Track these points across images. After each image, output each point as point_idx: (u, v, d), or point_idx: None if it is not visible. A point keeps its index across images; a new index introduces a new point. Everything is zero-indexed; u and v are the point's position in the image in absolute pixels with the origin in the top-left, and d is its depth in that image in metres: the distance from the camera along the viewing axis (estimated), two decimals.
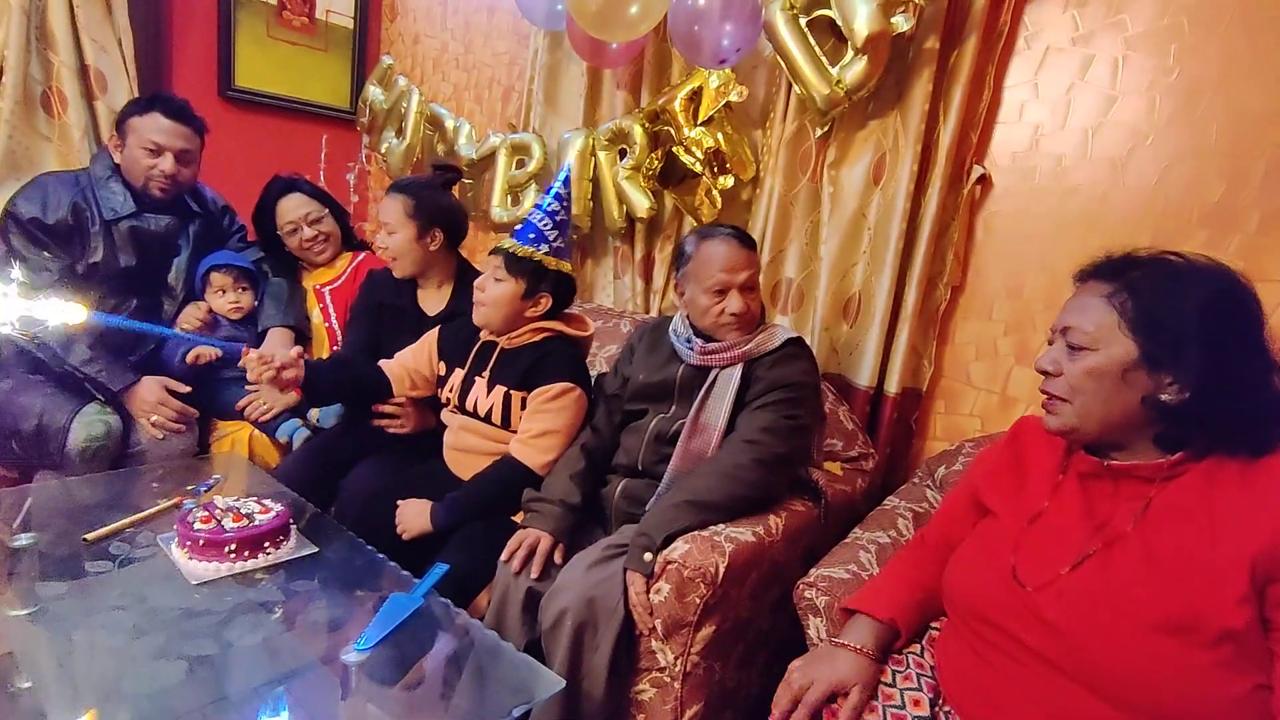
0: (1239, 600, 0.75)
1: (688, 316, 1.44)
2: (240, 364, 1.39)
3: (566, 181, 1.50)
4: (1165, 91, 1.40)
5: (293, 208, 1.98)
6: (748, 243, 1.39)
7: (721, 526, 1.24)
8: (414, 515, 1.42)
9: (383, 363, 1.64)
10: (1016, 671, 0.85)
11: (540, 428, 1.46)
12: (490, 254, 1.51)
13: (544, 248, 1.46)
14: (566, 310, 1.58)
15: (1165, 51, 1.40)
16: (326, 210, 2.03)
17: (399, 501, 1.45)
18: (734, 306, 1.35)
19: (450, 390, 1.58)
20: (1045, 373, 0.91)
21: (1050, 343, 0.92)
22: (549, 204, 1.49)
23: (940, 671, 0.95)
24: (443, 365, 1.62)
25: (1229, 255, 1.24)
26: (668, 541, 1.20)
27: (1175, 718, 0.76)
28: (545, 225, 1.47)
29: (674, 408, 1.43)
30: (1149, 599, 0.78)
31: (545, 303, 1.50)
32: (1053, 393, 0.90)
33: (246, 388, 1.85)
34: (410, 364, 1.63)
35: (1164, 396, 0.82)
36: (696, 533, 1.20)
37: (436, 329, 1.67)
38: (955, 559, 1.00)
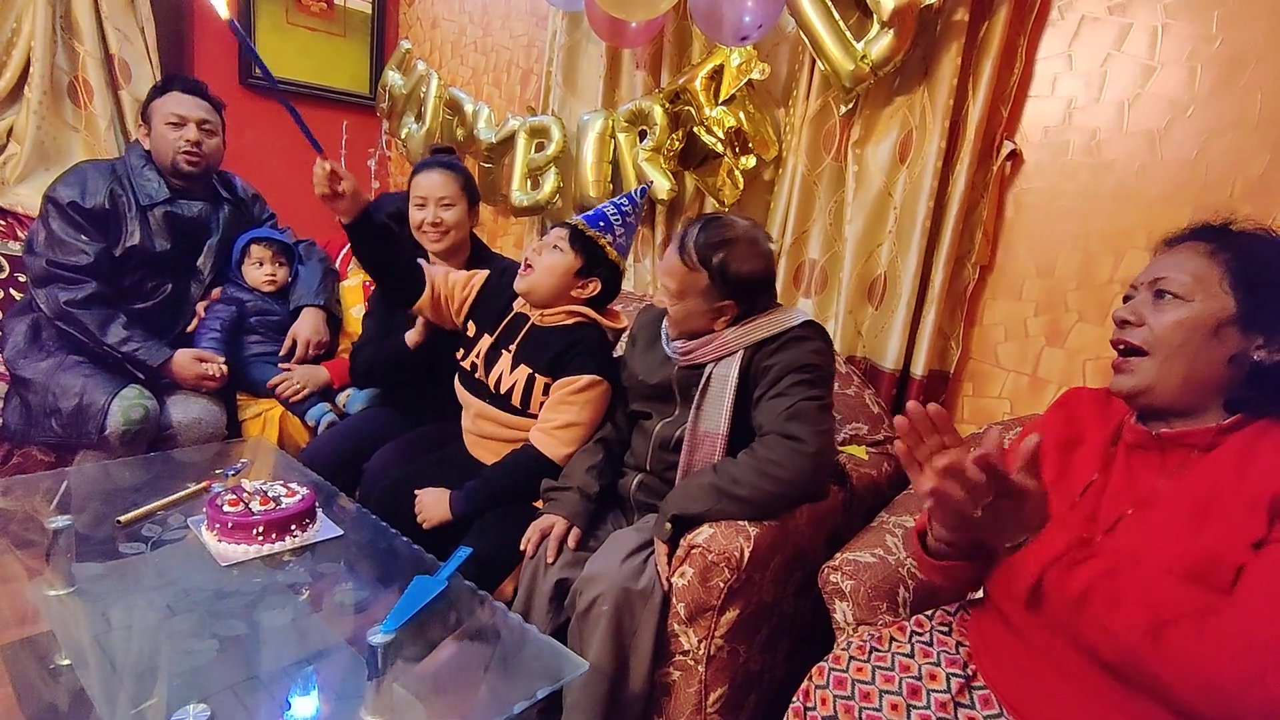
0: (1253, 543, 0.72)
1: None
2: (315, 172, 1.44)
3: (643, 193, 1.58)
4: (1207, 61, 1.35)
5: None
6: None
7: None
8: (433, 504, 1.41)
9: (424, 266, 1.61)
10: (1054, 645, 0.83)
11: (564, 419, 1.45)
12: (556, 225, 1.52)
13: (609, 237, 1.49)
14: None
15: (1207, 19, 1.34)
16: None
17: (417, 491, 1.44)
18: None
19: (476, 356, 1.56)
20: (1125, 322, 0.87)
21: (1127, 299, 0.89)
22: (623, 203, 1.53)
23: (975, 652, 0.94)
24: (473, 325, 1.59)
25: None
26: (679, 519, 1.19)
27: None
28: (615, 220, 1.50)
29: (676, 410, 1.36)
30: (1177, 550, 0.77)
31: (593, 288, 1.49)
32: (1131, 342, 0.86)
33: (280, 366, 1.89)
34: (445, 285, 1.60)
35: (1255, 356, 0.80)
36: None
37: (487, 272, 1.64)
38: None
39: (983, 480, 0.74)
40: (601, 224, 1.48)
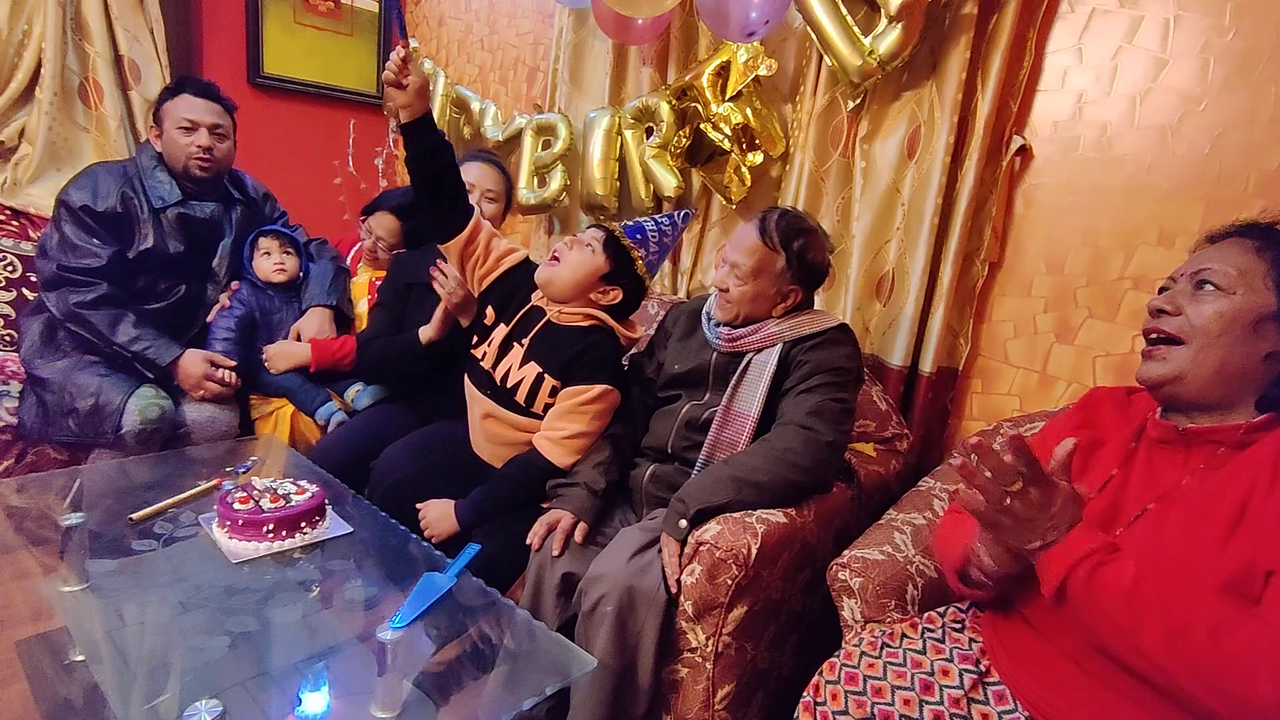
0: None
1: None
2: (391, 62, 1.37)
3: (685, 218, 1.59)
4: (1220, 54, 1.33)
5: (379, 223, 2.03)
6: None
7: None
8: (438, 518, 1.40)
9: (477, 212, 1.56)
10: (1073, 642, 0.83)
11: (573, 429, 1.43)
12: (592, 225, 1.52)
13: (642, 251, 1.49)
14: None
15: (1220, 11, 1.33)
16: (400, 251, 2.06)
17: (418, 505, 1.43)
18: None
19: (489, 345, 1.54)
20: (1161, 311, 0.87)
21: (1162, 290, 0.89)
22: (663, 222, 1.53)
23: (989, 648, 0.94)
24: (491, 313, 1.57)
25: None
26: (701, 513, 1.20)
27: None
28: (653, 236, 1.50)
29: (708, 394, 1.41)
30: (1210, 557, 0.75)
31: (613, 296, 1.49)
32: (1166, 330, 0.85)
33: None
34: (485, 237, 1.54)
35: None
36: (729, 514, 1.20)
37: (526, 253, 1.60)
38: None
39: (1009, 463, 0.73)
40: (639, 237, 1.49)
